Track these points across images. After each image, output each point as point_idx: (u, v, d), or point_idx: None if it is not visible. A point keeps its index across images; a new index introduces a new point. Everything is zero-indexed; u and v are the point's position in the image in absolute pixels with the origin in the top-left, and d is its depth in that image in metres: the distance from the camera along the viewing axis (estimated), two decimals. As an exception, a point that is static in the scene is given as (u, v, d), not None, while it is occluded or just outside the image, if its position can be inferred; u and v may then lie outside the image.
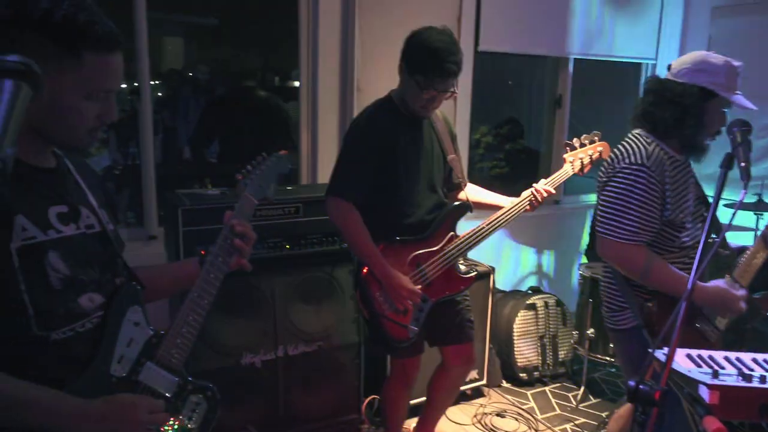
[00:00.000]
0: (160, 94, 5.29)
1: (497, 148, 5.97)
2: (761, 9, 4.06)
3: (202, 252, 1.47)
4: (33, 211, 1.11)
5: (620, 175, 1.97)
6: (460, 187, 2.52)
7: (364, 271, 2.30)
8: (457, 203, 2.44)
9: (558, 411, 3.36)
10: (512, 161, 5.66)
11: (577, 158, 2.46)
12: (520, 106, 5.93)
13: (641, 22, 4.38)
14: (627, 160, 1.97)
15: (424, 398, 2.73)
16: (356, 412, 2.97)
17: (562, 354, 3.69)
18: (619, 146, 2.07)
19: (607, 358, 3.41)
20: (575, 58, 4.22)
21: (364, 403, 3.00)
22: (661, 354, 1.41)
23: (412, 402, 2.84)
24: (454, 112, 3.70)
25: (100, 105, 1.15)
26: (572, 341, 3.65)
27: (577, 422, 3.24)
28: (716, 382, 1.30)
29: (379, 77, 2.32)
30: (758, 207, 3.47)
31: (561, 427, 3.19)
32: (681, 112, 1.96)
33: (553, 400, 3.47)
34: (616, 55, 4.34)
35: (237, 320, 2.59)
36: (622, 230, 1.94)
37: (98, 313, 1.19)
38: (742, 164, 1.56)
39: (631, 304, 2.04)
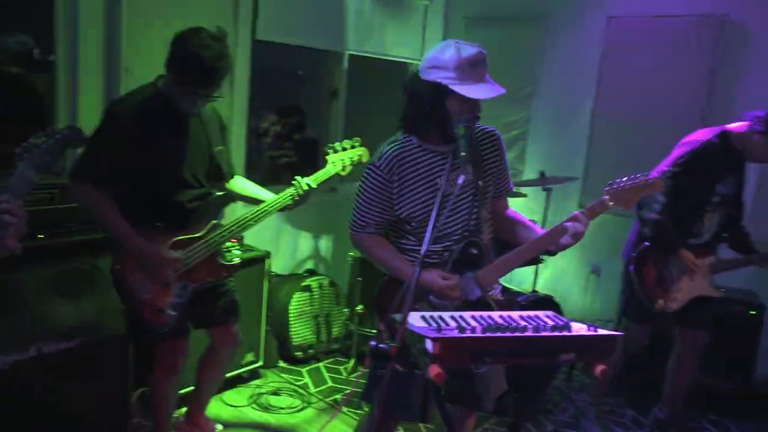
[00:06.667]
0: None
1: (287, 138, 6.03)
2: (508, 23, 4.73)
3: None
4: None
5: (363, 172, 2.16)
6: (226, 179, 2.56)
7: (117, 265, 2.31)
8: (219, 194, 2.50)
9: (330, 383, 3.59)
10: (300, 151, 5.78)
11: (338, 159, 2.66)
12: (303, 97, 6.07)
13: (408, 26, 4.81)
14: (370, 160, 2.16)
15: (191, 387, 2.74)
16: (126, 408, 2.85)
17: (335, 331, 3.94)
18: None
19: (375, 332, 3.72)
20: (350, 54, 4.48)
21: (134, 397, 2.90)
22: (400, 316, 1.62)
23: (181, 392, 2.81)
24: (231, 100, 3.69)
25: None
26: (344, 318, 3.91)
27: (346, 391, 3.50)
28: (439, 335, 1.53)
29: (151, 59, 2.23)
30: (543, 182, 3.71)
31: (332, 398, 3.43)
32: (423, 109, 2.01)
33: (326, 374, 3.70)
34: (386, 53, 4.70)
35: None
36: (354, 222, 2.15)
37: None
38: (462, 154, 1.88)
39: None
